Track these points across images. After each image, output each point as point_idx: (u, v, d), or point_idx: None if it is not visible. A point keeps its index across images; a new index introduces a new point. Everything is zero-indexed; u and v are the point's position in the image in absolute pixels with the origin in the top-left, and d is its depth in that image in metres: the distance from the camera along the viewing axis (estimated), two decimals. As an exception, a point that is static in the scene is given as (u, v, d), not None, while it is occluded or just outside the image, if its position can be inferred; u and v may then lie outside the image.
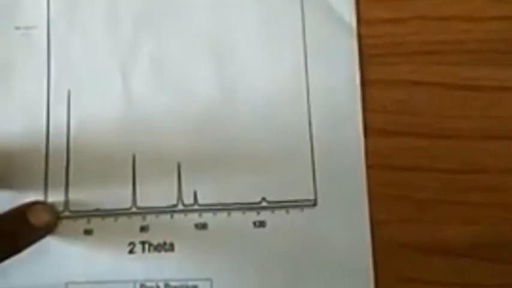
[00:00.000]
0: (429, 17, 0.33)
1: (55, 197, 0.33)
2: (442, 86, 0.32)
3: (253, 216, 0.32)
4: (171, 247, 0.32)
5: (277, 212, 0.32)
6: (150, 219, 0.32)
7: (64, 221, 0.33)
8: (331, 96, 0.33)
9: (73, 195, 0.33)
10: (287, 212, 0.32)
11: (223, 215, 0.32)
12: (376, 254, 0.31)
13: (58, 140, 0.33)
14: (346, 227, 0.32)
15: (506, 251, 0.31)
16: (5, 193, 0.33)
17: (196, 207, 0.32)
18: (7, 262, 0.30)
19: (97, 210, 0.33)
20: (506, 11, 0.33)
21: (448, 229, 0.31)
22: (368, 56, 0.33)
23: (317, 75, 0.33)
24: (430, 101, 0.32)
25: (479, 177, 0.32)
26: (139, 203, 0.32)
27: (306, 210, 0.32)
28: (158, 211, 0.32)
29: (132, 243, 0.32)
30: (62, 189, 0.33)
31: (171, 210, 0.32)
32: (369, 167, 0.32)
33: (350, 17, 0.33)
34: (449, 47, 0.33)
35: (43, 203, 0.32)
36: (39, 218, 0.31)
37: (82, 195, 0.33)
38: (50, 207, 0.32)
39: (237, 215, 0.32)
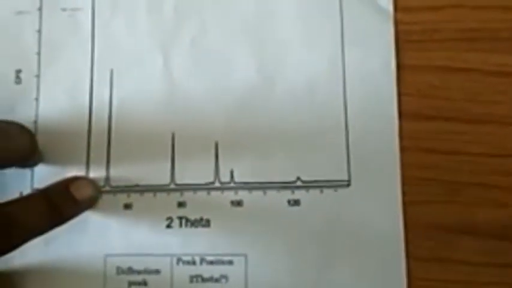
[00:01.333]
0: (465, 6, 0.33)
1: (96, 172, 0.34)
2: (475, 72, 0.33)
3: (288, 194, 0.33)
4: (208, 223, 0.33)
5: (312, 192, 0.33)
6: (187, 195, 0.33)
7: (104, 196, 0.34)
8: (367, 80, 0.33)
9: (114, 171, 0.34)
10: (321, 191, 0.33)
11: (258, 193, 0.33)
12: (408, 234, 0.32)
13: (100, 117, 0.34)
14: (378, 208, 0.32)
15: (537, 233, 0.32)
16: (47, 168, 0.34)
17: (232, 185, 0.33)
18: (50, 232, 0.31)
19: (137, 186, 0.34)
20: (542, 0, 0.33)
21: (480, 211, 0.32)
22: (404, 41, 0.33)
23: (354, 59, 0.34)
24: (463, 87, 0.33)
25: (511, 161, 0.32)
26: (178, 180, 0.33)
27: (340, 190, 0.33)
28: (195, 188, 0.33)
29: (169, 218, 0.33)
30: (103, 165, 0.34)
31: (208, 187, 0.33)
32: (402, 149, 0.33)
33: (387, 3, 0.34)
34: (483, 34, 0.33)
35: (86, 178, 0.34)
36: (82, 192, 0.32)
37: (122, 172, 0.34)
38: (93, 182, 0.33)
39: (272, 193, 0.33)
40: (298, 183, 0.33)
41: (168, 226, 0.33)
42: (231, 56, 0.34)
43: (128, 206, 0.34)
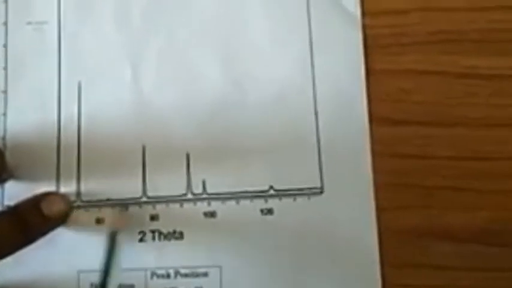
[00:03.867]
0: (432, 8, 0.33)
1: (67, 187, 0.33)
2: (446, 75, 0.33)
3: (261, 204, 0.33)
4: (181, 235, 0.33)
5: (285, 200, 0.33)
6: (160, 208, 0.33)
7: (76, 211, 0.33)
8: (337, 86, 0.33)
9: (85, 186, 0.33)
10: (294, 199, 0.33)
11: (231, 203, 0.33)
12: (382, 240, 0.32)
13: (69, 131, 0.34)
14: (352, 214, 0.32)
15: (512, 236, 0.32)
16: (17, 184, 0.33)
17: (205, 196, 0.33)
18: (20, 251, 0.31)
19: (108, 200, 0.33)
20: (509, 1, 0.33)
21: (454, 216, 0.32)
22: (373, 46, 0.33)
23: (323, 65, 0.33)
24: (434, 90, 0.33)
25: (484, 164, 0.32)
26: (150, 193, 0.33)
27: (313, 198, 0.32)
28: (168, 200, 0.33)
29: (142, 232, 0.33)
30: (74, 179, 0.33)
31: (180, 199, 0.33)
32: (374, 155, 0.32)
33: (355, 8, 0.34)
34: (452, 36, 0.33)
35: (57, 194, 0.33)
36: (53, 208, 0.32)
37: (93, 186, 0.33)
38: (64, 198, 0.33)
39: (245, 203, 0.33)
40: (271, 192, 0.33)
41: (141, 240, 0.33)
42: (200, 66, 0.34)
43: (100, 221, 0.33)
